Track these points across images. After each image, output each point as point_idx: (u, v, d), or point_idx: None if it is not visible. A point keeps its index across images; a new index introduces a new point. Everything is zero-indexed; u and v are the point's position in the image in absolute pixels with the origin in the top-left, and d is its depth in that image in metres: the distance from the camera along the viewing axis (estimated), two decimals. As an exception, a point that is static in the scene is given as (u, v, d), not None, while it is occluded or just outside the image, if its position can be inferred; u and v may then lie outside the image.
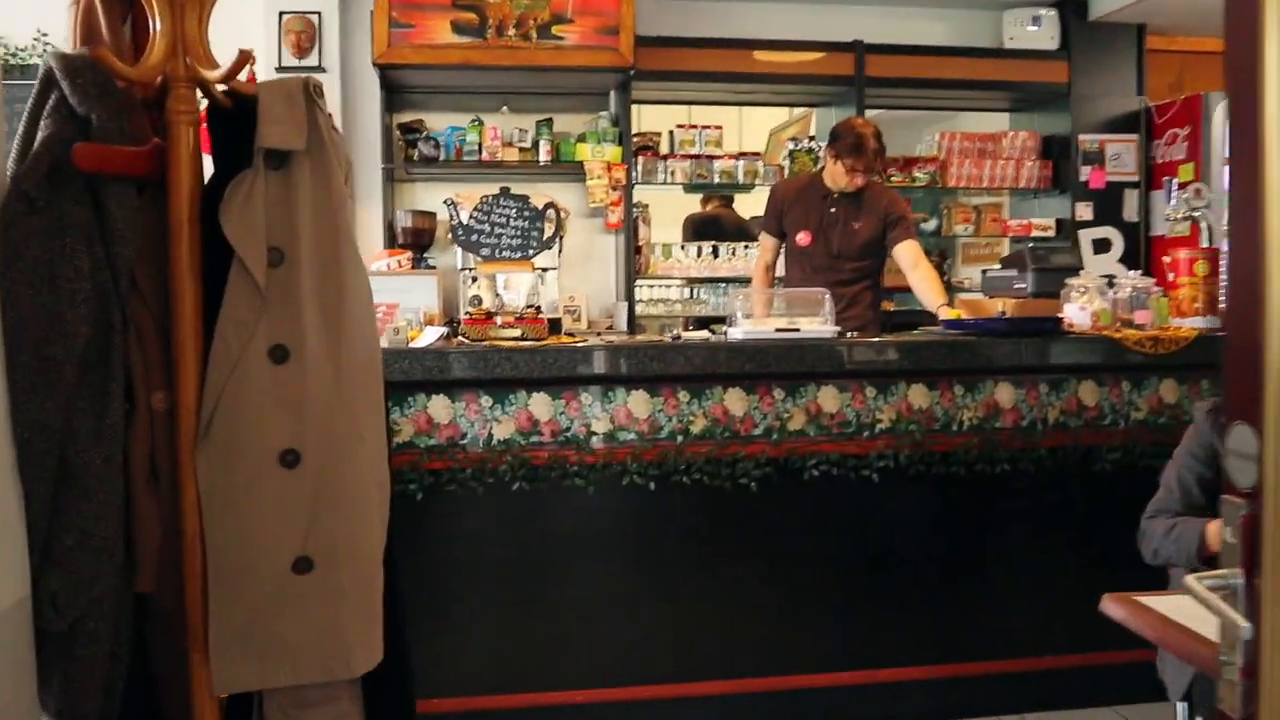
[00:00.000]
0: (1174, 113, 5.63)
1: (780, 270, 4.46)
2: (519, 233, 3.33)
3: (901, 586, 3.34)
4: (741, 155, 5.68)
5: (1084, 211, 5.64)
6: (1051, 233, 5.77)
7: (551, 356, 3.06)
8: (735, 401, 3.21)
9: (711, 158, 5.59)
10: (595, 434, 3.13)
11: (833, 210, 4.21)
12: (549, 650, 3.15)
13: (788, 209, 4.32)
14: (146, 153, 1.51)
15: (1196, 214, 4.10)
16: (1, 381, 1.40)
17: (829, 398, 3.26)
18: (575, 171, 5.46)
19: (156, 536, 1.54)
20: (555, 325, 3.49)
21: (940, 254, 6.02)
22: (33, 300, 1.38)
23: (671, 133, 5.80)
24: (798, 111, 6.76)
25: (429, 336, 3.09)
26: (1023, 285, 3.85)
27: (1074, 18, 5.78)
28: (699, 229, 6.14)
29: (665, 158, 5.63)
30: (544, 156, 5.40)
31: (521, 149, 5.40)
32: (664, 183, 5.61)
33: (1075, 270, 3.76)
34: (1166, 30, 5.94)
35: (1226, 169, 0.99)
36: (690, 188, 5.85)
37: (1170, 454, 2.61)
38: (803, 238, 4.24)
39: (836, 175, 4.16)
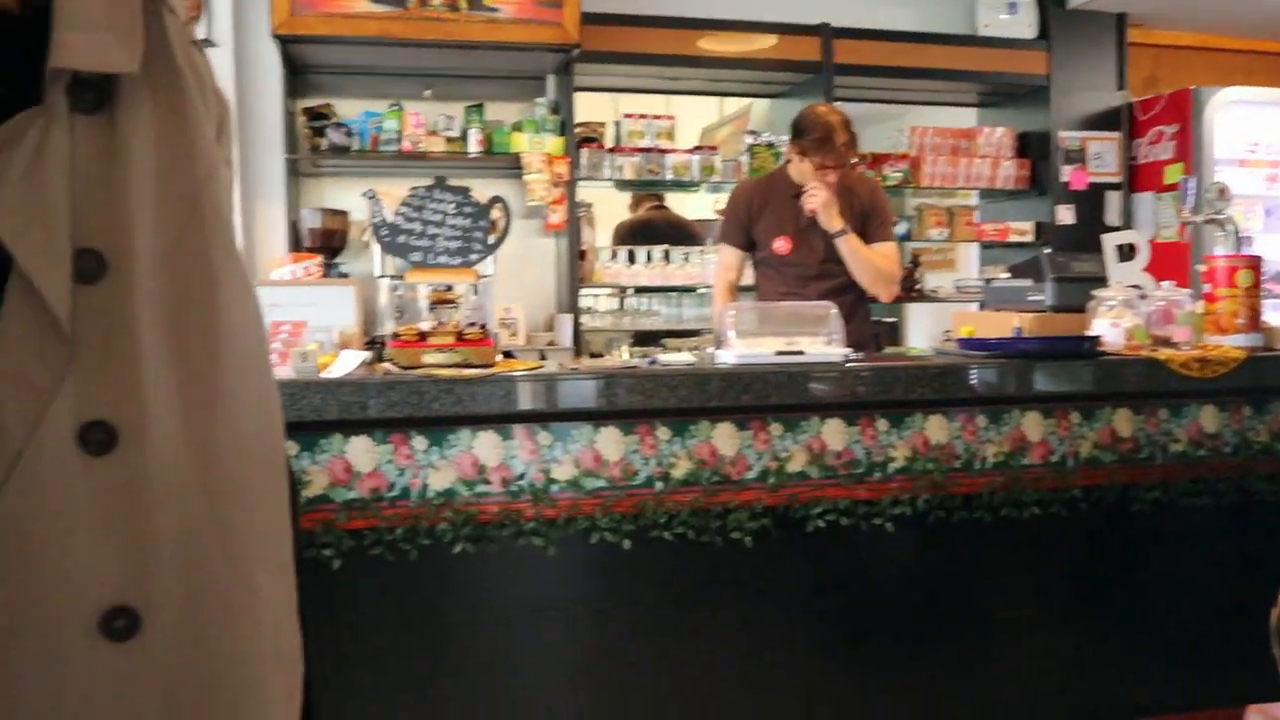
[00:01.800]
0: (1160, 109, 5.21)
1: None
2: (459, 233, 2.70)
3: (925, 655, 2.79)
4: (698, 149, 5.10)
5: (1065, 215, 5.21)
6: (1030, 237, 5.32)
7: (501, 388, 2.45)
8: (725, 439, 2.63)
9: (664, 151, 5.00)
10: (556, 482, 2.53)
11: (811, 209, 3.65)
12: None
13: (756, 214, 3.74)
14: None
15: (1221, 216, 3.63)
16: None
17: (835, 432, 2.70)
18: (510, 165, 4.84)
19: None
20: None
21: (913, 261, 5.51)
22: None
23: (618, 123, 5.20)
24: (731, 109, 6.21)
25: (346, 363, 2.45)
26: (1040, 297, 3.34)
27: (1052, 5, 5.34)
28: (630, 236, 5.51)
29: (612, 150, 5.02)
30: (474, 147, 4.76)
31: (449, 138, 4.76)
32: (609, 179, 5.02)
33: (1100, 280, 3.25)
34: (1147, 21, 5.54)
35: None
36: (635, 184, 5.25)
37: (1212, 490, 2.15)
38: (781, 245, 3.66)
39: (804, 173, 3.59)
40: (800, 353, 2.70)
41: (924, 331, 6.04)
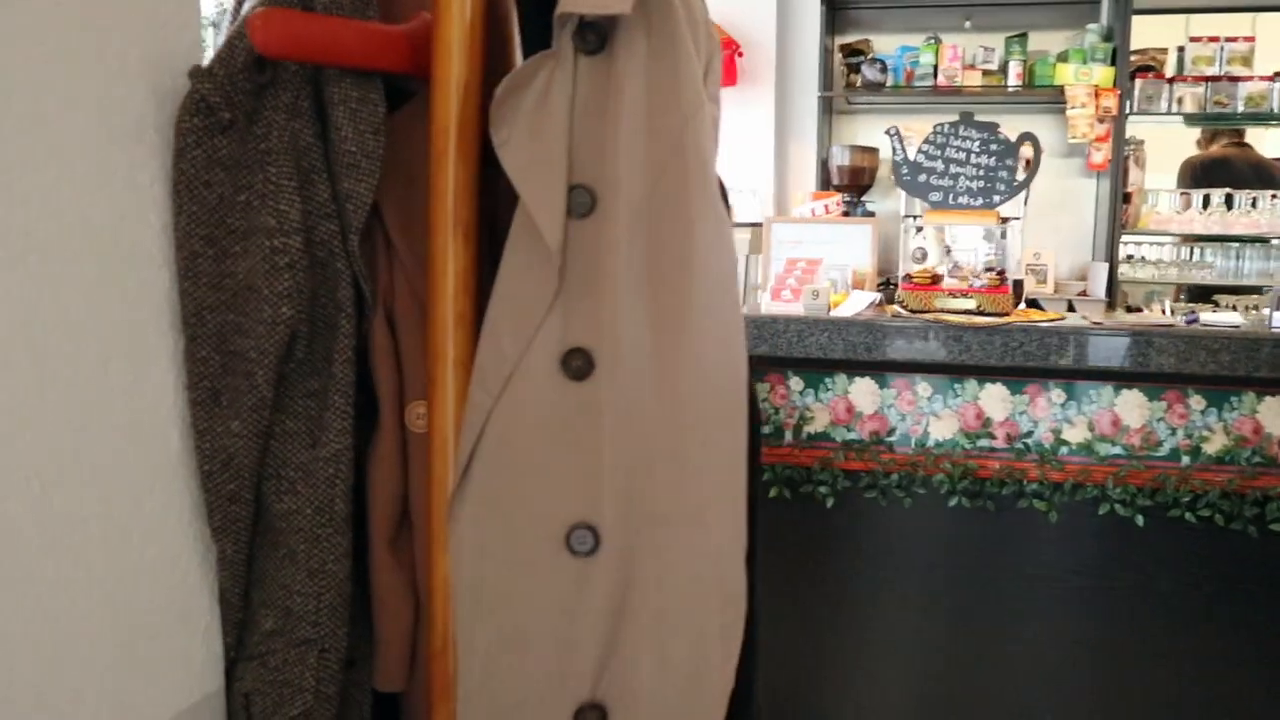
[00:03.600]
0: None
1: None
2: (982, 172, 2.57)
3: None
4: (1278, 75, 4.43)
5: None
6: None
7: (1015, 338, 2.31)
8: (1275, 415, 2.29)
9: (1234, 79, 4.40)
10: (1066, 444, 2.35)
11: None
12: (980, 698, 2.44)
13: None
14: (401, 34, 0.98)
15: None
16: (175, 390, 0.93)
17: None
18: (1052, 100, 4.51)
19: (406, 619, 1.03)
20: (1017, 289, 2.71)
21: None
22: (214, 266, 0.90)
23: (1181, 49, 4.64)
24: None
25: (856, 303, 2.44)
26: None
27: None
28: (1201, 176, 4.90)
29: (1172, 80, 4.51)
30: (1013, 80, 4.50)
31: (986, 71, 4.53)
32: (1167, 112, 4.52)
33: None
34: None
35: None
36: (1197, 119, 4.68)
37: None
38: None
39: None
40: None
41: None
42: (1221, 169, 4.86)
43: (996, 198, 2.57)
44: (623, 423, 0.91)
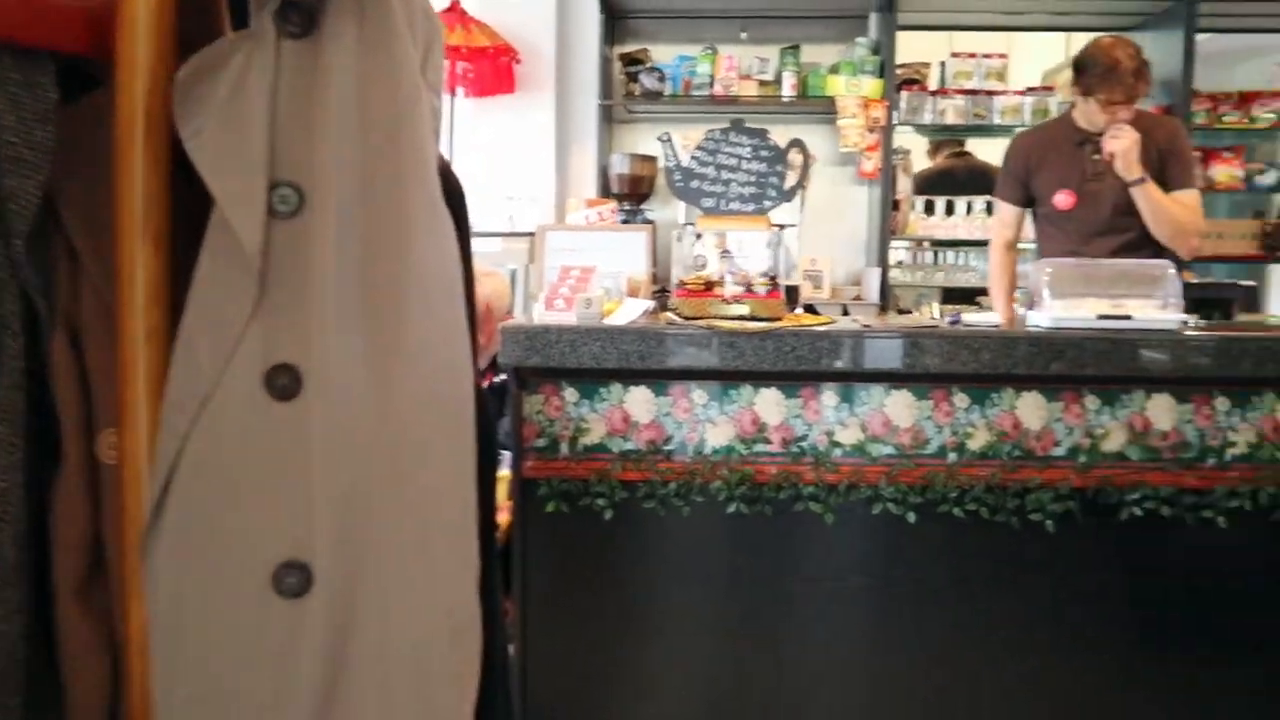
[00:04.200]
0: None
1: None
2: (754, 178, 2.58)
3: (1254, 671, 2.44)
4: (1031, 90, 4.69)
5: None
6: None
7: (788, 343, 2.32)
8: (1031, 410, 2.38)
9: (993, 93, 4.64)
10: (840, 445, 2.38)
11: (1096, 158, 3.24)
12: (764, 702, 2.44)
13: (1035, 166, 3.39)
14: (78, 9, 0.86)
15: None
16: None
17: (1162, 410, 2.38)
18: (825, 110, 4.64)
19: (99, 678, 0.90)
20: (793, 294, 2.74)
21: (1280, 216, 4.84)
22: None
23: (943, 64, 4.86)
24: (1078, 47, 5.57)
25: (629, 311, 2.40)
26: None
27: None
28: (930, 187, 5.11)
29: (935, 93, 4.71)
30: (788, 91, 4.60)
31: (762, 82, 4.62)
32: (931, 124, 4.71)
33: None
34: None
35: None
36: (960, 130, 4.91)
37: None
38: (1062, 199, 3.29)
39: (1091, 115, 3.20)
40: (1127, 317, 2.39)
41: (1290, 299, 5.31)
42: (947, 178, 5.11)
43: (768, 203, 2.58)
44: (335, 446, 0.81)
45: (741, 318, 2.39)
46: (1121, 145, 3.12)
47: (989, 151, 5.29)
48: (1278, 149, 4.94)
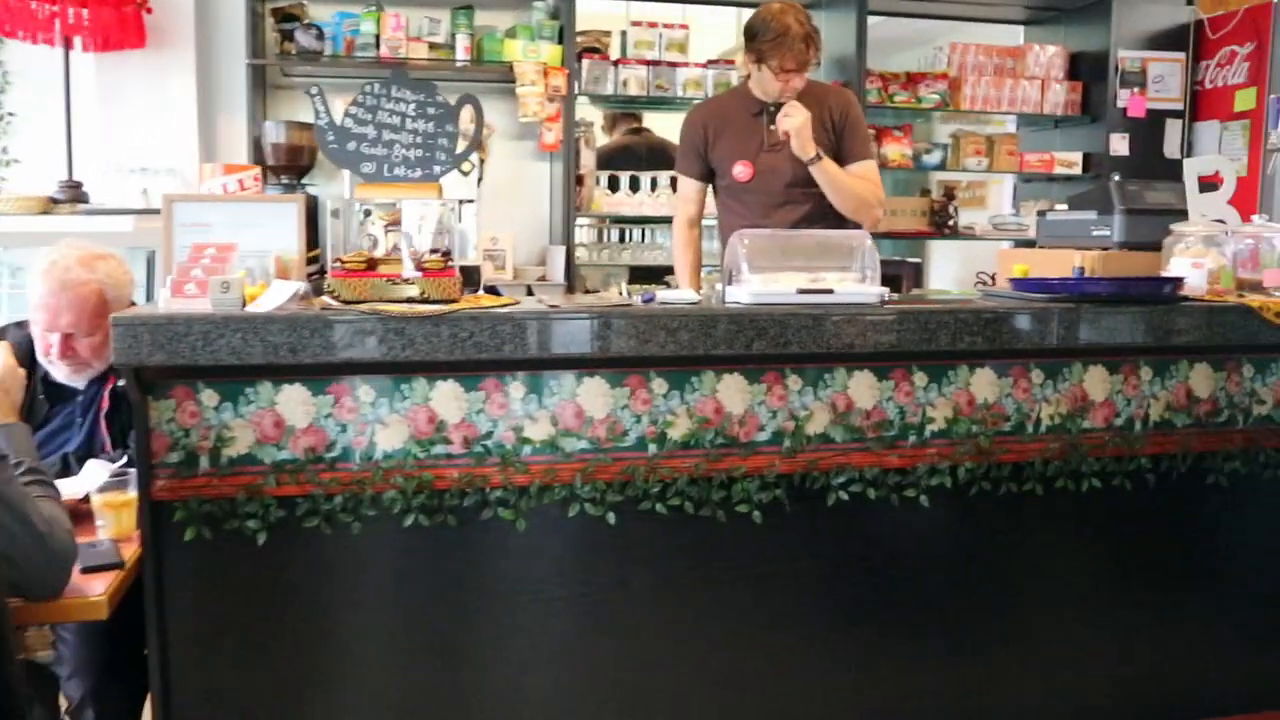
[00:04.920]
0: (1234, 26, 4.66)
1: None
2: (420, 139, 2.24)
3: (963, 649, 2.41)
4: (712, 63, 4.59)
5: (1119, 145, 4.71)
6: (1077, 169, 4.83)
7: (465, 328, 2.01)
8: (733, 394, 2.20)
9: (675, 65, 4.50)
10: (529, 442, 2.11)
11: (773, 128, 3.17)
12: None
13: (714, 138, 3.28)
14: None
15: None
16: None
17: (864, 388, 2.28)
18: (503, 78, 4.36)
19: None
20: (472, 275, 2.42)
21: (946, 194, 5.01)
22: None
23: (624, 32, 4.68)
24: None
25: (276, 295, 2.01)
26: (1105, 232, 2.87)
27: (1115, -92, 4.80)
28: (609, 163, 4.91)
29: (617, 63, 4.52)
30: (461, 55, 4.28)
31: (433, 45, 4.26)
32: (613, 95, 4.52)
33: (1178, 214, 2.78)
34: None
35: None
36: (643, 102, 4.76)
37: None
38: (740, 171, 3.21)
39: (765, 83, 3.13)
40: (829, 290, 2.25)
41: (948, 274, 5.55)
42: (626, 154, 4.96)
43: (438, 168, 2.25)
44: None
45: (411, 300, 2.06)
46: (794, 124, 3.03)
47: (670, 126, 5.19)
48: (938, 129, 5.14)
